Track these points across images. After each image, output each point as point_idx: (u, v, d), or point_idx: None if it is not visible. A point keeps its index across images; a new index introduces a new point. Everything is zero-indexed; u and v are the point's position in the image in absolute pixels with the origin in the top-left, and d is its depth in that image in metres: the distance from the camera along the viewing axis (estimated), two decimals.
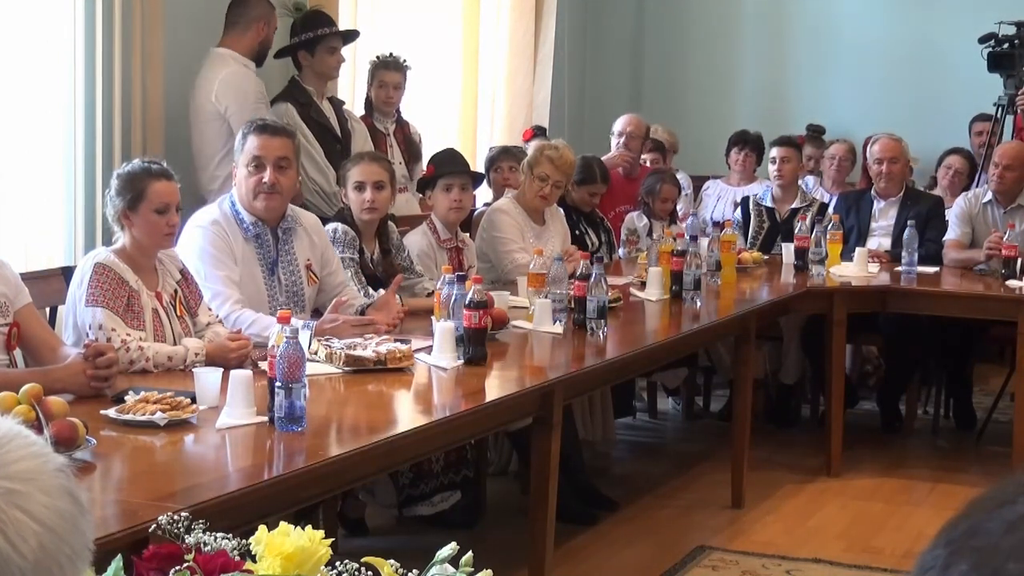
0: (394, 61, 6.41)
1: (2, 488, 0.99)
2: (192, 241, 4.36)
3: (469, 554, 1.78)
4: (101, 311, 3.74)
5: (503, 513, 5.25)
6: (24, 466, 1.02)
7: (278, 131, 4.49)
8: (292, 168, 4.50)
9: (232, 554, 1.74)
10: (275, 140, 4.44)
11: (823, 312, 6.03)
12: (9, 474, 1.01)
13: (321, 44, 5.82)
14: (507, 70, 8.16)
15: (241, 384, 3.21)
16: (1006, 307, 5.92)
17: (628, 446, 6.56)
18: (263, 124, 4.51)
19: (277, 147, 4.44)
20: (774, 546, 4.98)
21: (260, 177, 4.40)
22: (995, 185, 6.54)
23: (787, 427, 6.81)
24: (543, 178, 5.81)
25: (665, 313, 5.32)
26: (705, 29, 9.25)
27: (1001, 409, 6.79)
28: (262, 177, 4.40)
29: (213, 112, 5.39)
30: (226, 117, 5.36)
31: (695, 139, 8.32)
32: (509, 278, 5.58)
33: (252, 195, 4.42)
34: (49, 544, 1.00)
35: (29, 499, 1.00)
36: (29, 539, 0.99)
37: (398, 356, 3.90)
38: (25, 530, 0.99)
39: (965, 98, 8.16)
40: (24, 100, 5.05)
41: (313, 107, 5.82)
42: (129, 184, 3.87)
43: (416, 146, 6.57)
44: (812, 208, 6.98)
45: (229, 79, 5.42)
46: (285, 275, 4.51)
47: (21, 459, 1.03)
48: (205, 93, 5.42)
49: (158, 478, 2.88)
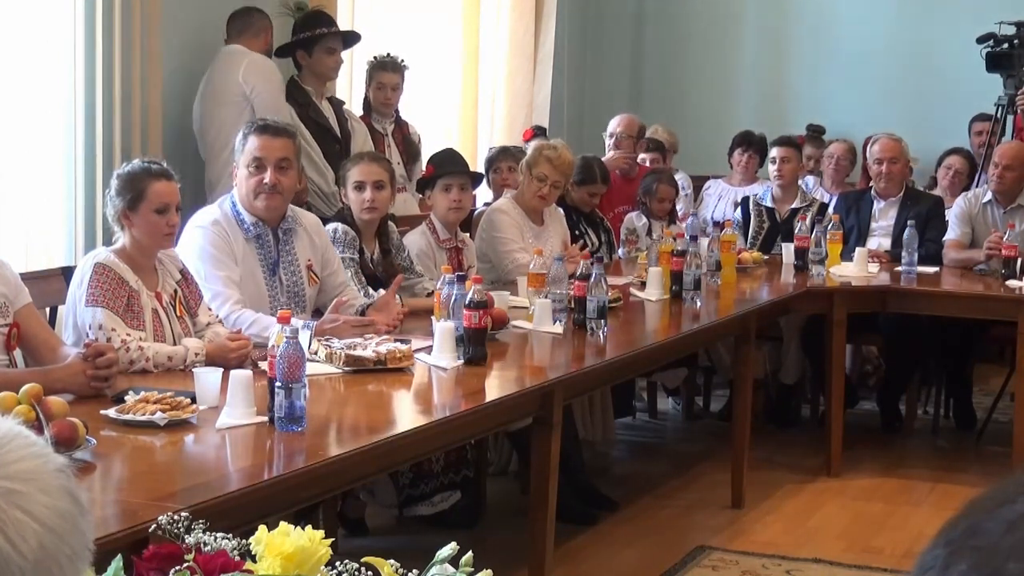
0: (392, 62, 6.41)
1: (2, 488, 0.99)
2: (193, 241, 4.36)
3: (469, 554, 1.78)
4: (101, 311, 3.74)
5: (503, 513, 5.24)
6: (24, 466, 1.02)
7: (279, 131, 4.49)
8: (293, 168, 4.50)
9: (232, 554, 1.74)
10: (276, 141, 4.44)
11: (823, 312, 6.03)
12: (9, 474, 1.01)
13: (319, 44, 5.83)
14: (507, 70, 8.16)
15: (241, 384, 3.21)
16: (1006, 307, 5.92)
17: (628, 446, 6.56)
18: (264, 124, 4.51)
19: (278, 148, 4.43)
20: (774, 546, 4.98)
21: (261, 178, 4.39)
22: (995, 185, 6.54)
23: (787, 427, 6.81)
24: (541, 178, 5.81)
25: (665, 313, 5.32)
26: (705, 29, 9.25)
27: (1001, 409, 6.79)
28: (263, 178, 4.39)
29: (238, 93, 5.47)
30: (251, 98, 5.48)
31: (695, 139, 8.32)
32: (509, 278, 5.58)
33: (253, 195, 4.41)
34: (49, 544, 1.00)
35: (29, 499, 1.00)
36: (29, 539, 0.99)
37: (398, 356, 3.90)
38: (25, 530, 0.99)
39: (965, 98, 8.16)
40: (24, 100, 5.05)
41: (312, 107, 5.82)
42: (129, 184, 3.87)
43: (415, 146, 6.57)
44: (812, 208, 6.98)
45: (258, 62, 5.57)
46: (286, 275, 4.51)
47: (21, 459, 1.03)
48: (229, 76, 5.51)
49: (158, 478, 2.88)
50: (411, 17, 7.42)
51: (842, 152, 7.79)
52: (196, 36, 5.64)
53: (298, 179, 4.70)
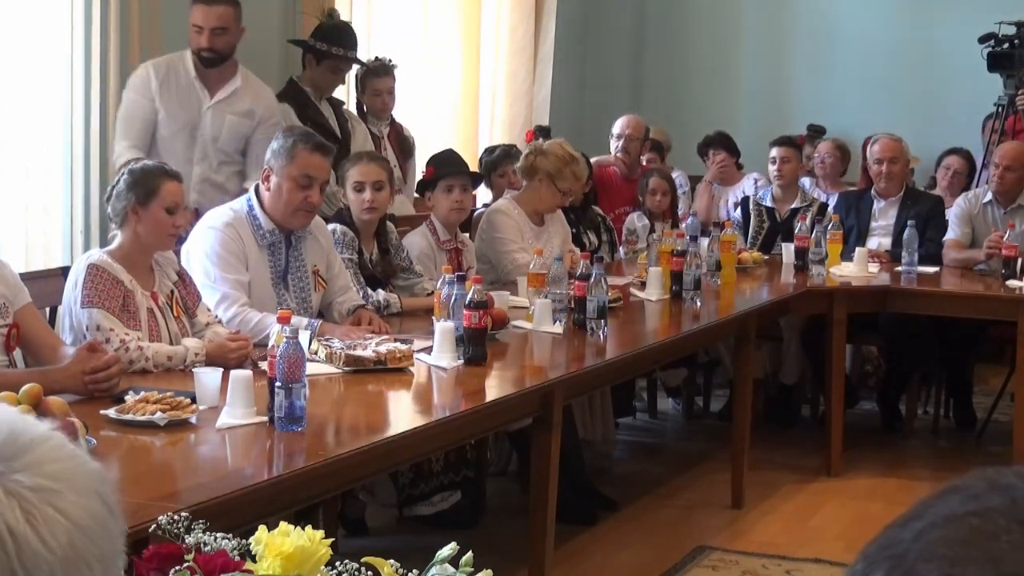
0: (382, 66, 6.38)
1: (36, 484, 1.00)
2: (204, 241, 4.33)
3: (469, 554, 1.78)
4: (98, 312, 3.73)
5: (503, 513, 5.24)
6: (59, 467, 1.03)
7: (329, 152, 4.46)
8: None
9: (232, 554, 1.74)
10: (326, 162, 4.43)
11: (823, 312, 6.03)
12: (44, 472, 1.02)
13: (329, 60, 5.81)
14: (507, 70, 8.16)
15: (241, 384, 3.21)
16: (1006, 307, 5.92)
17: (628, 446, 6.56)
18: (320, 143, 4.45)
19: (326, 169, 4.43)
20: (774, 546, 4.98)
21: (306, 196, 4.34)
22: (995, 186, 6.54)
23: (787, 427, 6.81)
24: (566, 191, 5.85)
25: (665, 313, 5.32)
26: (706, 29, 9.25)
27: (1001, 409, 6.78)
28: (308, 196, 4.35)
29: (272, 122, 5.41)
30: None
31: (695, 139, 8.30)
32: (509, 278, 5.58)
33: (292, 209, 4.35)
34: (79, 542, 1.01)
35: (61, 497, 1.01)
36: (60, 536, 1.00)
37: (398, 356, 3.91)
38: (56, 527, 1.00)
39: (965, 98, 8.16)
40: (24, 100, 5.05)
41: (312, 108, 5.81)
42: (143, 179, 3.87)
43: (407, 142, 6.57)
44: (812, 208, 6.98)
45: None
46: (294, 282, 4.49)
47: (56, 460, 1.04)
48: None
49: (158, 478, 2.88)
50: (411, 17, 7.42)
51: (827, 150, 7.74)
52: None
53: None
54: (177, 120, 5.21)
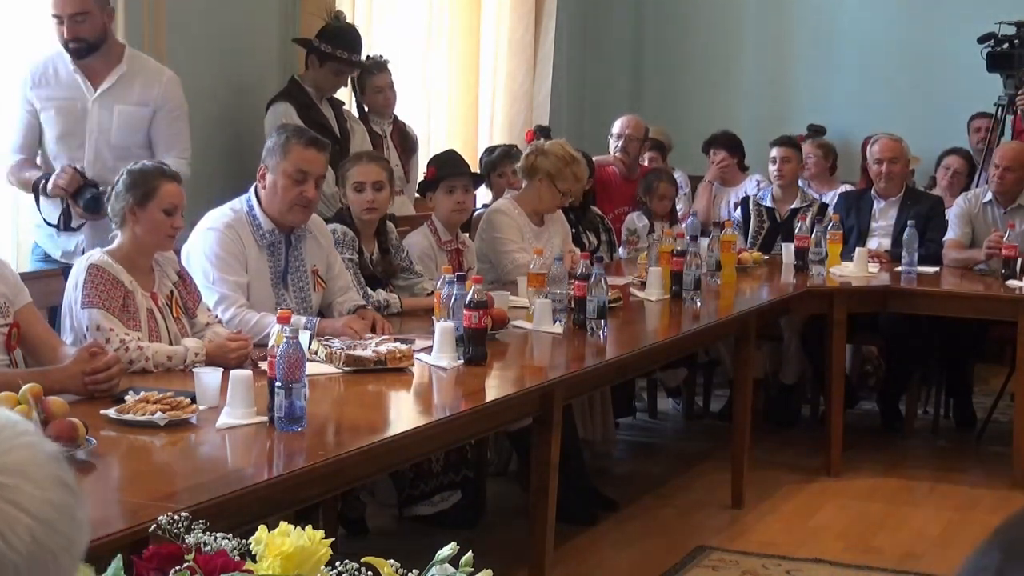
0: (376, 63, 6.37)
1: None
2: (204, 242, 4.33)
3: (469, 554, 1.79)
4: (98, 312, 3.73)
5: (503, 513, 5.25)
6: (13, 458, 1.01)
7: (324, 147, 4.46)
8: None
9: (232, 554, 1.74)
10: (321, 156, 4.42)
11: (823, 312, 6.03)
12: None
13: (333, 62, 5.80)
14: (507, 70, 8.15)
15: (241, 384, 3.21)
16: (1006, 307, 5.92)
17: (628, 446, 6.56)
18: (313, 137, 4.45)
19: (321, 163, 4.43)
20: (774, 546, 4.98)
21: (301, 191, 4.35)
22: (995, 186, 6.55)
23: (787, 427, 6.81)
24: (567, 192, 5.85)
25: (665, 313, 5.32)
26: (705, 29, 9.25)
27: (1001, 409, 6.79)
28: (303, 191, 4.35)
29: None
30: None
31: (695, 139, 8.30)
32: (509, 278, 5.58)
33: (288, 206, 4.36)
34: (42, 536, 1.00)
35: (19, 492, 0.99)
36: (21, 533, 0.98)
37: (398, 356, 3.91)
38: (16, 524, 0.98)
39: (965, 98, 8.15)
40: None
41: (313, 108, 5.80)
42: (142, 180, 3.87)
43: (410, 139, 6.56)
44: (812, 208, 6.98)
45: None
46: (294, 283, 4.49)
47: (11, 450, 1.01)
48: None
49: (158, 478, 2.88)
50: (411, 17, 7.41)
51: (809, 150, 7.72)
52: (196, 36, 5.63)
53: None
54: (63, 119, 4.76)
